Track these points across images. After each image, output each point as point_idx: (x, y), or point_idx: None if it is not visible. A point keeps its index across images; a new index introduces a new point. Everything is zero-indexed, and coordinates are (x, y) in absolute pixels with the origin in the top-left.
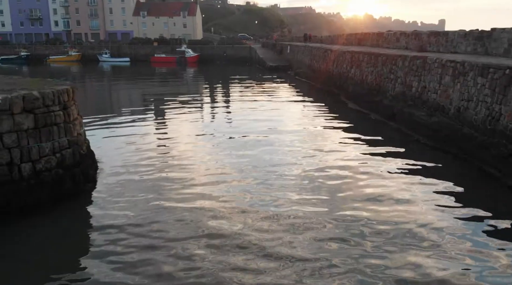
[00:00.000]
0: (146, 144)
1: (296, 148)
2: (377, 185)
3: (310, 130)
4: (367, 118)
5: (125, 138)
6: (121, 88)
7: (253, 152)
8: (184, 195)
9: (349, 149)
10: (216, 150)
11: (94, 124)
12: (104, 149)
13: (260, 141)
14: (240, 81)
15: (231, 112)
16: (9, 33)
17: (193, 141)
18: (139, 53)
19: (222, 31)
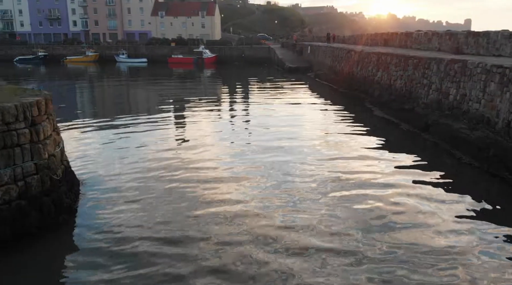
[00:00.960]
0: (156, 152)
1: (316, 157)
2: (411, 210)
3: (332, 137)
4: (397, 128)
5: (132, 144)
6: (137, 90)
7: (271, 158)
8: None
9: (375, 162)
10: (233, 156)
11: (104, 127)
12: (100, 163)
13: (279, 147)
14: (258, 83)
15: (248, 116)
16: (28, 33)
17: (210, 145)
18: (156, 54)
19: (241, 31)
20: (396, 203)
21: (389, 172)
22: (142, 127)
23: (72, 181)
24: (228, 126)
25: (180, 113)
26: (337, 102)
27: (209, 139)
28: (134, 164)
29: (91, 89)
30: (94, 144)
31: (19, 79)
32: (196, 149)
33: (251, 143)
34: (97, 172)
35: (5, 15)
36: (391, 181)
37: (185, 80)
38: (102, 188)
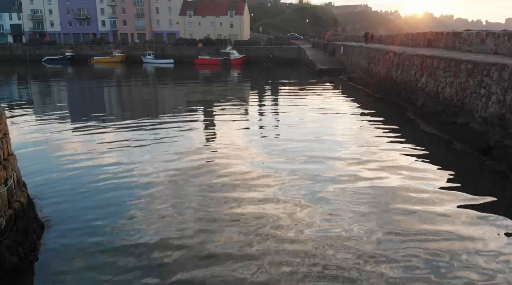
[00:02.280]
0: (179, 156)
1: (350, 183)
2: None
3: (369, 156)
4: (449, 148)
5: (158, 150)
6: (163, 92)
7: (302, 167)
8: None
9: (427, 195)
10: (261, 163)
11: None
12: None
13: (306, 160)
14: (286, 86)
15: (273, 125)
16: (57, 33)
17: (235, 153)
18: (183, 55)
19: (271, 30)
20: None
21: (449, 211)
22: (166, 131)
23: (27, 227)
24: (253, 133)
25: (206, 117)
26: (374, 110)
27: (234, 146)
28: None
29: (116, 90)
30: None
31: (48, 79)
32: (220, 157)
33: (276, 150)
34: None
35: (35, 14)
36: (455, 226)
37: (211, 82)
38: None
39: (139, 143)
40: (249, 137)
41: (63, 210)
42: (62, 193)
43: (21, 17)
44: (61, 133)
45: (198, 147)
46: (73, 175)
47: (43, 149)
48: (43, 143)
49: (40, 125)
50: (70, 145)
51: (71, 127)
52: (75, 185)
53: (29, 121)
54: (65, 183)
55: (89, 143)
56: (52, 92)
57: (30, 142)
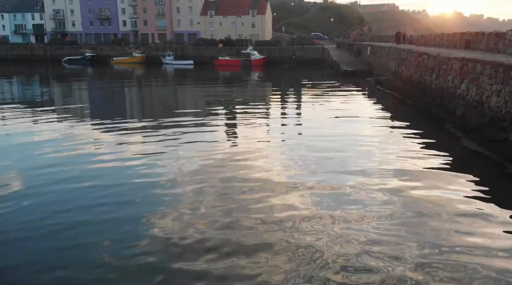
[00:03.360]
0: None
1: (377, 187)
2: None
3: (399, 164)
4: (501, 172)
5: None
6: (182, 94)
7: (324, 176)
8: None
9: (482, 229)
10: (282, 168)
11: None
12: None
13: (332, 168)
14: (309, 88)
15: (297, 125)
16: (79, 33)
17: (255, 158)
18: (203, 55)
19: (294, 30)
20: None
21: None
22: (185, 134)
23: None
24: (274, 136)
25: (225, 119)
26: (405, 118)
27: (255, 151)
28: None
29: (135, 92)
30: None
31: (70, 79)
32: (240, 160)
33: (298, 159)
34: None
35: (57, 14)
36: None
37: (231, 84)
38: None
39: (158, 144)
40: (270, 141)
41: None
42: (86, 195)
43: (43, 17)
44: (82, 132)
45: (217, 149)
46: (96, 174)
47: (65, 147)
48: (64, 141)
49: (59, 124)
50: (92, 143)
51: (92, 126)
52: (98, 185)
53: (50, 121)
54: (87, 182)
55: (107, 144)
56: (72, 93)
57: (50, 141)
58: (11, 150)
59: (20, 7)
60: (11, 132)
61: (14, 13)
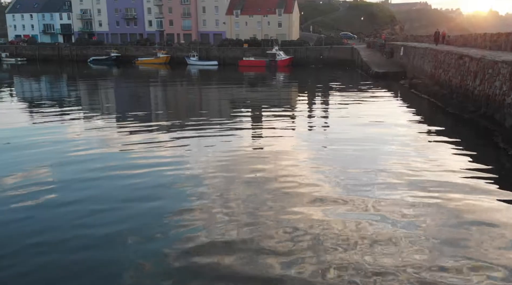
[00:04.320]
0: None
1: (408, 202)
2: None
3: (436, 179)
4: None
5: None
6: (206, 96)
7: (352, 181)
8: None
9: None
10: (308, 171)
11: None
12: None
13: (360, 176)
14: (337, 90)
15: (323, 129)
16: (106, 33)
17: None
18: (227, 56)
19: (322, 29)
20: None
21: None
22: (210, 136)
23: None
24: (299, 140)
25: (249, 121)
26: (445, 128)
27: (280, 152)
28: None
29: (159, 93)
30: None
31: (95, 79)
32: (266, 161)
33: (325, 162)
34: None
35: (84, 14)
36: None
37: (255, 85)
38: None
39: (182, 144)
40: (295, 144)
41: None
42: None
43: (71, 17)
44: (109, 131)
45: (242, 151)
46: (122, 171)
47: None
48: (92, 139)
49: (86, 123)
50: (119, 141)
51: (118, 125)
52: (127, 185)
53: (76, 118)
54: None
55: (132, 142)
56: (98, 93)
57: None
58: (44, 147)
59: (48, 7)
60: (42, 131)
61: (42, 13)
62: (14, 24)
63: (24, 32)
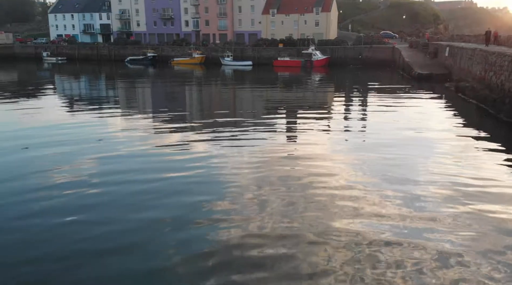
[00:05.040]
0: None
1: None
2: None
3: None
4: None
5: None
6: (239, 97)
7: (391, 187)
8: None
9: None
10: (345, 175)
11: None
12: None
13: (398, 182)
14: (376, 92)
15: (360, 133)
16: (143, 33)
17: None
18: (262, 56)
19: (361, 28)
20: None
21: None
22: (245, 137)
23: None
24: (335, 143)
25: (284, 123)
26: (495, 136)
27: (315, 155)
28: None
29: (193, 94)
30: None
31: (132, 79)
32: (301, 164)
33: (361, 168)
34: None
35: (123, 14)
36: None
37: (290, 86)
38: None
39: (217, 144)
40: (331, 148)
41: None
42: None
43: (110, 17)
44: (147, 130)
45: (277, 153)
46: (160, 168)
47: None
48: (131, 137)
49: (126, 121)
50: (154, 140)
51: (154, 125)
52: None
53: (114, 115)
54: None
55: (169, 141)
56: (136, 93)
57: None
58: (85, 144)
59: (88, 7)
60: (85, 128)
61: (83, 13)
62: (56, 23)
63: (65, 32)
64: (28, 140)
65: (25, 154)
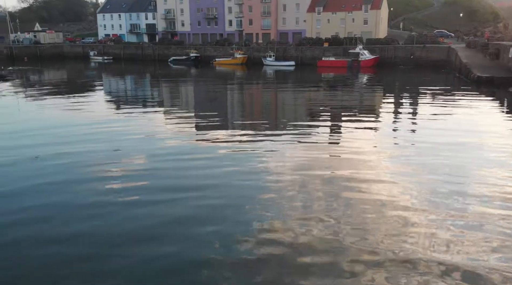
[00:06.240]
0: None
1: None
2: None
3: None
4: None
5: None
6: (282, 98)
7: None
8: None
9: None
10: (393, 186)
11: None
12: None
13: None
14: (429, 96)
15: (410, 140)
16: (187, 33)
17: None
18: (306, 56)
19: (413, 27)
20: None
21: None
22: (286, 139)
23: None
24: (382, 150)
25: (328, 126)
26: None
27: (360, 161)
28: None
29: (236, 94)
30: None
31: (176, 79)
32: (345, 168)
33: (411, 178)
34: None
35: (168, 14)
36: None
37: (335, 87)
38: None
39: (259, 145)
40: (378, 154)
41: None
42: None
43: (156, 17)
44: (191, 129)
45: (319, 158)
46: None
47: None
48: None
49: (169, 120)
50: (200, 138)
51: (199, 124)
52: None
53: (157, 113)
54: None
55: (213, 141)
56: (179, 93)
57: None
58: (134, 140)
59: (135, 7)
60: (131, 126)
61: (129, 13)
62: (104, 23)
63: (112, 32)
64: (86, 133)
65: (83, 148)
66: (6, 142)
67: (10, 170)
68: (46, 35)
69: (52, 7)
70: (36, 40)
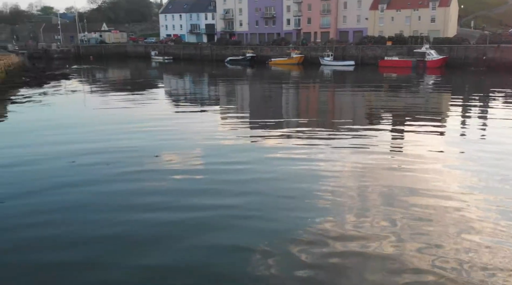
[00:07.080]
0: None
1: None
2: None
3: None
4: None
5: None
6: (339, 100)
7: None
8: None
9: None
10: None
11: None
12: None
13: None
14: (503, 102)
15: (478, 150)
16: (245, 33)
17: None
18: (366, 55)
19: (486, 25)
20: None
21: None
22: (346, 142)
23: None
24: (448, 158)
25: (389, 130)
26: None
27: (425, 170)
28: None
29: (291, 95)
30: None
31: (231, 78)
32: (409, 176)
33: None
34: None
35: (227, 14)
36: None
37: (398, 89)
38: None
39: (313, 146)
40: (442, 164)
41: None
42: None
43: (215, 17)
44: (243, 129)
45: (381, 164)
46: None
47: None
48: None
49: (222, 119)
50: (252, 138)
51: (251, 124)
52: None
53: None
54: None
55: (264, 142)
56: (235, 93)
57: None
58: (191, 135)
59: (195, 7)
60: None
61: (190, 13)
62: (165, 24)
63: (173, 32)
64: (144, 127)
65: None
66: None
67: (43, 169)
68: (111, 34)
69: (119, 8)
70: (101, 40)
